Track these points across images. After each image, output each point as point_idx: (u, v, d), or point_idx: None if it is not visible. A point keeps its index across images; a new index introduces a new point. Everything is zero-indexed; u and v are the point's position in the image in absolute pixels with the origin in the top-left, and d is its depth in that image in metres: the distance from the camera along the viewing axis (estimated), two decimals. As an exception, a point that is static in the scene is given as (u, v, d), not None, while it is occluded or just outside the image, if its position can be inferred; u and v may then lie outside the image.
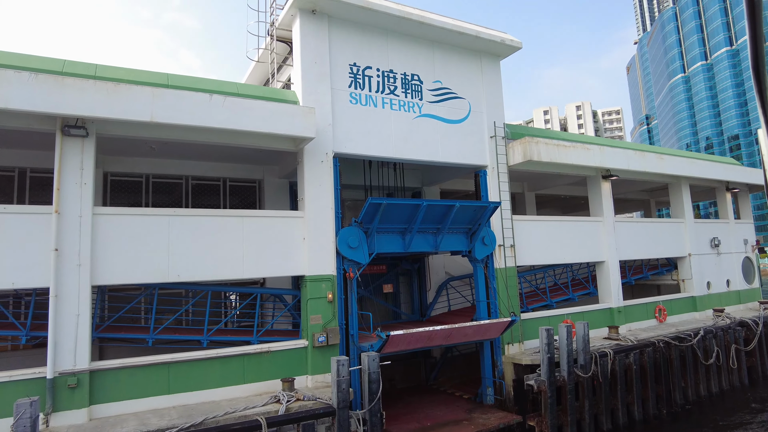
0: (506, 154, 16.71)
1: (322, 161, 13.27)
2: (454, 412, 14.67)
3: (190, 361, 11.34)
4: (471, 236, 15.42)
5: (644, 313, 19.77)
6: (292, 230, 12.80)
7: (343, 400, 10.60)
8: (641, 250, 20.48)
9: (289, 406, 10.86)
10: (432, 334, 12.78)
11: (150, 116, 10.67)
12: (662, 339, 16.70)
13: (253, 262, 12.22)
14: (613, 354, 15.07)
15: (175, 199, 16.01)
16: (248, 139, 12.48)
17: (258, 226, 12.41)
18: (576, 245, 18.30)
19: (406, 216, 13.68)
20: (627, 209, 32.06)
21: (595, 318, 18.19)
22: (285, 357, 12.32)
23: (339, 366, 10.62)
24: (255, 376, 11.96)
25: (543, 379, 13.78)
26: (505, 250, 16.16)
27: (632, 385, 15.56)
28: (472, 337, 13.94)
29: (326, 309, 12.76)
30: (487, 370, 15.49)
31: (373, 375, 11.04)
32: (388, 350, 12.66)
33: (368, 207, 12.67)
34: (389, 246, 13.98)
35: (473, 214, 14.78)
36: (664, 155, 20.66)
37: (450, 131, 15.73)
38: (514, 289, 16.10)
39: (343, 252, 13.09)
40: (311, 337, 12.42)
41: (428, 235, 14.74)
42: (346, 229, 13.24)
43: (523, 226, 16.94)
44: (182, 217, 11.68)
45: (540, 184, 22.78)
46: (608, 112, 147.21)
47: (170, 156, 15.28)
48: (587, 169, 18.91)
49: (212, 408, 10.91)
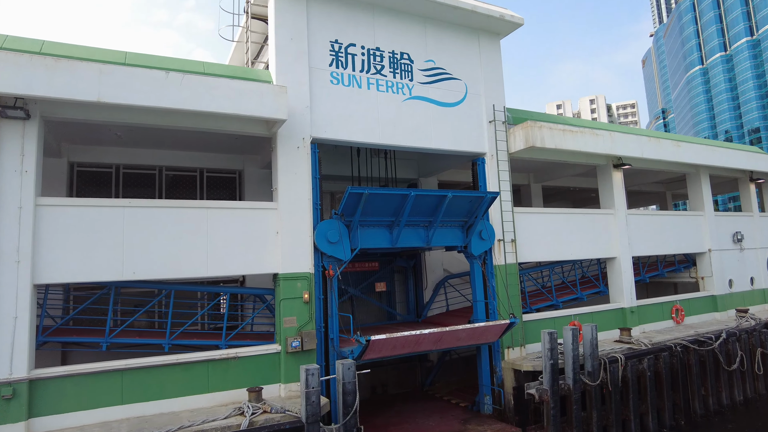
0: (507, 140, 15.30)
1: (298, 147, 12.02)
2: (447, 423, 13.36)
3: (147, 368, 10.20)
4: (467, 230, 14.06)
5: (660, 313, 18.22)
6: (265, 224, 11.59)
7: (313, 413, 9.36)
8: (656, 245, 18.91)
9: (253, 419, 9.66)
10: (419, 338, 11.48)
11: (97, 96, 9.51)
12: (680, 342, 15.17)
13: (220, 259, 11.04)
14: (625, 359, 13.62)
15: (149, 192, 14.91)
16: (214, 123, 11.29)
17: (225, 218, 11.21)
18: (585, 240, 16.83)
19: (393, 207, 12.38)
20: (641, 203, 30.33)
21: (605, 319, 16.72)
22: (255, 363, 11.13)
23: (308, 375, 9.38)
24: (221, 384, 10.79)
25: (545, 388, 12.40)
26: (505, 246, 14.77)
27: (646, 394, 14.08)
28: (466, 342, 12.61)
29: (302, 310, 11.53)
30: (484, 377, 14.14)
31: (349, 385, 9.79)
32: (370, 356, 11.40)
33: (348, 197, 11.40)
34: (374, 241, 12.70)
35: (469, 205, 13.42)
36: (681, 142, 19.04)
37: (444, 115, 14.38)
38: (514, 287, 14.71)
39: (322, 247, 11.84)
40: (284, 341, 11.20)
41: (419, 229, 13.42)
42: (325, 222, 11.99)
43: (525, 220, 15.52)
44: (138, 209, 10.53)
45: (547, 175, 21.27)
46: (623, 105, 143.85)
47: (142, 145, 14.19)
48: (597, 157, 17.40)
49: (170, 420, 9.76)
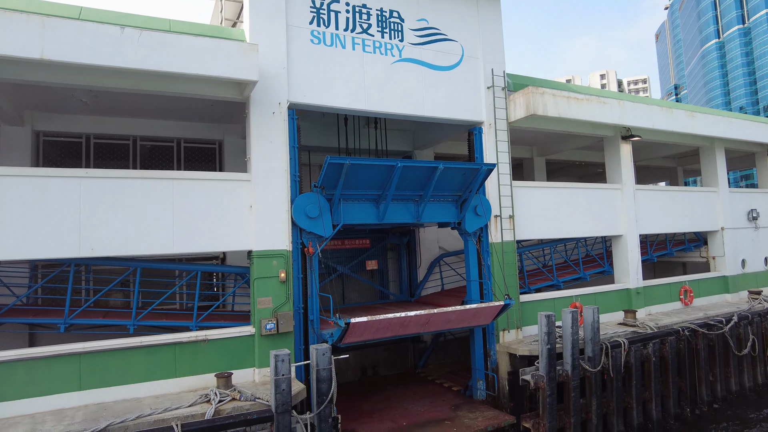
0: (506, 108, 14.14)
1: (273, 113, 10.98)
2: (437, 409, 12.61)
3: (107, 351, 9.44)
4: (461, 205, 13.06)
5: (667, 294, 17.23)
6: (237, 197, 10.65)
7: (284, 403, 8.57)
8: (666, 222, 17.81)
9: (220, 407, 8.90)
10: (405, 320, 10.62)
11: (40, 53, 8.49)
12: (687, 326, 14.23)
13: (187, 234, 10.15)
14: (628, 344, 12.72)
15: (122, 164, 14.00)
16: (181, 86, 10.26)
17: (193, 191, 10.28)
18: (589, 217, 15.77)
19: (379, 180, 11.38)
20: (650, 178, 29.03)
21: (609, 300, 15.78)
22: (227, 347, 10.33)
23: (277, 362, 8.57)
24: (190, 368, 10.02)
25: (541, 374, 11.56)
26: (502, 222, 13.77)
27: (650, 380, 13.22)
28: (456, 324, 11.74)
29: (278, 290, 10.67)
30: (478, 361, 13.32)
31: (323, 372, 8.97)
32: (351, 340, 10.57)
33: (328, 167, 10.40)
34: (359, 216, 11.74)
35: (463, 178, 12.39)
36: (695, 113, 17.73)
37: (438, 80, 13.22)
38: (511, 267, 13.76)
39: (300, 223, 10.91)
40: (259, 323, 10.39)
41: (409, 204, 12.43)
42: (304, 195, 11.02)
43: (525, 194, 14.47)
44: (96, 180, 9.61)
45: (551, 148, 20.08)
46: (634, 81, 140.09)
47: (113, 113, 13.23)
48: (604, 128, 16.21)
49: (131, 408, 9.03)
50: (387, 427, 11.54)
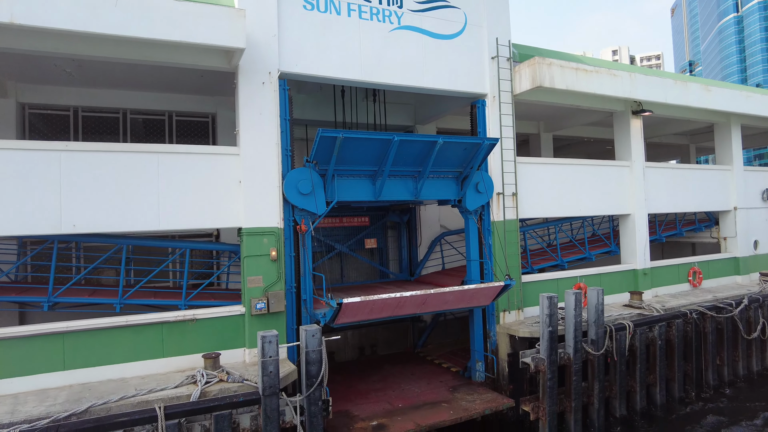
0: (511, 79, 13.45)
1: (263, 83, 10.43)
2: (435, 391, 12.33)
3: (92, 331, 9.16)
4: (462, 182, 12.53)
5: (675, 276, 16.72)
6: (225, 171, 10.19)
7: (271, 385, 8.27)
8: (676, 202, 17.17)
9: (206, 389, 8.63)
10: (400, 301, 10.23)
11: (9, 16, 7.97)
12: (696, 309, 13.76)
13: (173, 210, 9.74)
14: (633, 327, 12.29)
15: (113, 138, 13.55)
16: (165, 54, 9.73)
17: (179, 165, 9.83)
18: (596, 195, 15.18)
19: (375, 155, 10.86)
20: (661, 156, 28.14)
21: (615, 281, 15.31)
22: (216, 326, 10.03)
23: (264, 343, 8.24)
24: (178, 348, 9.75)
25: (542, 357, 11.19)
26: (504, 200, 13.23)
27: (655, 364, 12.83)
28: (454, 305, 11.35)
29: (269, 269, 10.30)
30: (477, 342, 12.98)
31: (313, 354, 8.64)
32: (344, 321, 10.21)
33: (320, 141, 9.89)
34: (354, 193, 11.27)
35: (464, 153, 11.83)
36: (712, 87, 16.90)
37: (439, 49, 12.54)
38: (513, 246, 13.28)
39: (292, 199, 10.46)
40: (249, 302, 10.05)
41: (407, 180, 11.93)
42: (296, 171, 10.54)
43: (529, 171, 13.89)
44: (77, 153, 9.18)
45: (558, 124, 19.34)
46: (647, 57, 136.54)
47: (101, 84, 12.73)
48: (614, 102, 15.48)
49: (116, 388, 8.78)
50: (382, 408, 11.28)
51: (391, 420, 10.60)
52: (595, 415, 11.82)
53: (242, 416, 8.46)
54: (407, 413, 10.96)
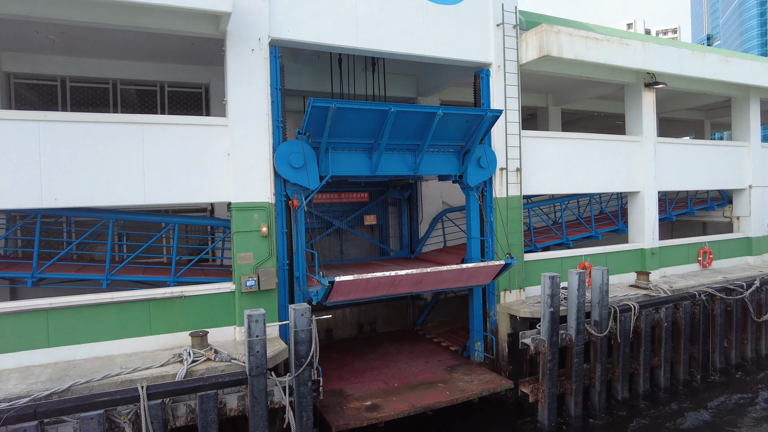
0: (517, 48, 12.75)
1: (253, 50, 9.87)
2: (432, 370, 12.08)
3: (77, 307, 8.90)
4: (463, 156, 11.99)
5: (684, 256, 16.19)
6: (213, 143, 9.74)
7: (258, 365, 7.99)
8: (688, 179, 16.51)
9: (192, 368, 8.38)
10: (395, 279, 9.86)
11: (-22, -28, 7.46)
12: (704, 290, 13.27)
13: (159, 184, 9.35)
14: (639, 308, 11.87)
15: (102, 109, 13.12)
16: (149, 19, 9.16)
17: (164, 136, 9.39)
18: (604, 171, 14.57)
19: (371, 127, 10.33)
20: (674, 132, 27.20)
21: (621, 261, 14.83)
22: (206, 304, 9.74)
23: (251, 322, 7.93)
24: (166, 326, 9.49)
25: (542, 338, 10.84)
26: (507, 175, 12.70)
27: (660, 346, 12.45)
28: (452, 284, 10.97)
29: (260, 246, 9.93)
30: (476, 321, 12.65)
31: (302, 334, 8.33)
32: (337, 299, 9.89)
33: (311, 111, 9.38)
34: (350, 167, 10.80)
35: (465, 126, 11.26)
36: (731, 58, 16.02)
37: (440, 15, 11.83)
38: (516, 223, 12.80)
39: (283, 173, 10.01)
40: (239, 280, 9.73)
41: (405, 154, 11.43)
42: (287, 143, 10.07)
43: (534, 145, 13.30)
44: (57, 124, 8.76)
45: (567, 97, 18.57)
46: (663, 30, 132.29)
47: (88, 53, 12.25)
48: (625, 74, 14.71)
49: (101, 366, 8.57)
50: (377, 387, 11.05)
51: (386, 400, 10.37)
52: (597, 397, 11.52)
53: (229, 396, 8.23)
54: (402, 393, 10.72)
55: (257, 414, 8.07)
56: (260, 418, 8.09)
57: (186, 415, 7.94)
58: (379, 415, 9.68)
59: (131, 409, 7.53)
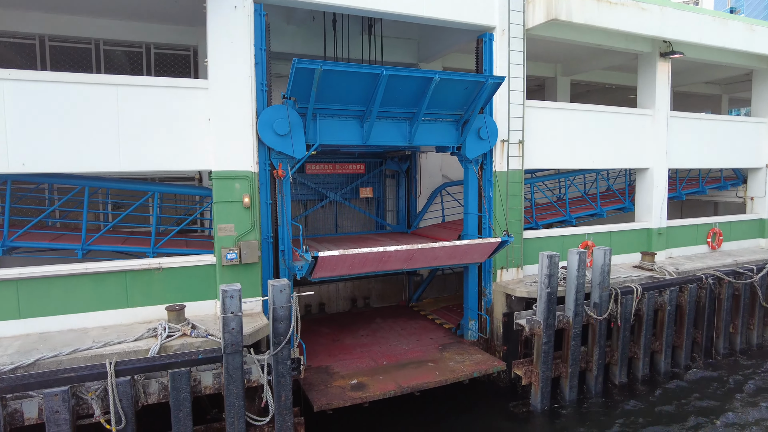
0: (523, 11, 11.87)
1: (235, 6, 9.16)
2: (423, 348, 11.70)
3: (49, 278, 8.52)
4: (462, 126, 11.31)
5: (693, 236, 15.53)
6: (193, 107, 9.14)
7: (233, 343, 7.60)
8: (701, 156, 15.70)
9: (167, 343, 8.02)
10: (383, 256, 9.36)
11: None
12: (712, 273, 12.68)
13: (135, 150, 8.81)
14: (642, 291, 11.33)
15: (84, 71, 12.48)
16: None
17: (141, 99, 8.80)
18: (612, 145, 13.83)
19: (363, 92, 9.66)
20: (688, 107, 26.01)
21: (626, 240, 14.22)
22: (185, 276, 9.33)
23: (226, 298, 7.50)
24: (143, 298, 9.12)
25: (538, 320, 10.37)
26: (509, 148, 12.02)
27: (662, 330, 11.97)
28: (445, 261, 10.47)
29: (242, 217, 9.44)
30: (471, 299, 12.20)
31: (280, 311, 7.90)
32: (323, 274, 9.44)
33: (296, 74, 8.73)
34: (339, 135, 10.18)
35: (464, 93, 10.54)
36: (756, 26, 14.95)
37: (441, -26, 10.97)
38: (516, 199, 12.19)
39: (267, 141, 9.43)
40: (220, 252, 9.28)
41: (400, 123, 10.78)
42: (271, 108, 9.44)
43: (539, 116, 12.56)
44: (24, 83, 8.19)
45: (577, 66, 17.62)
46: (685, 1, 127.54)
47: (68, 10, 11.53)
48: (640, 41, 13.77)
49: (74, 339, 8.24)
50: (365, 365, 10.70)
51: (372, 379, 10.02)
52: (593, 381, 11.12)
53: (204, 374, 7.87)
54: (390, 372, 10.36)
55: (233, 393, 7.73)
56: (236, 396, 7.75)
57: (158, 392, 7.61)
58: (364, 394, 9.34)
59: (100, 386, 7.20)
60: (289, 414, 8.21)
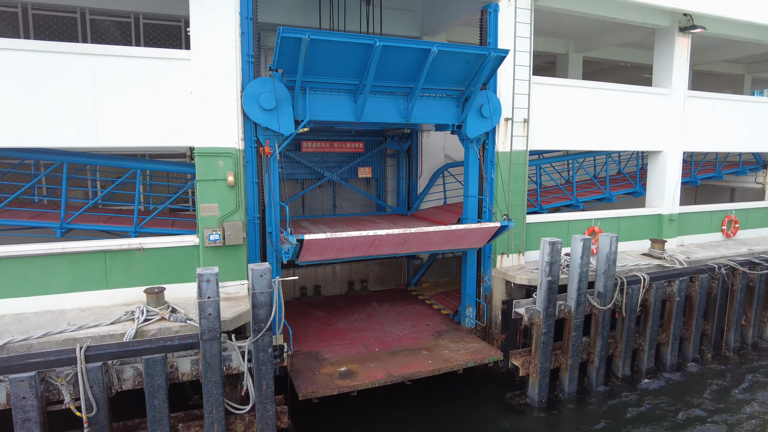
0: (532, -20, 11.08)
1: (218, -30, 8.55)
2: (418, 335, 11.30)
3: (25, 258, 8.18)
4: (463, 103, 10.67)
5: (707, 224, 14.80)
6: (175, 80, 8.61)
7: (210, 329, 7.22)
8: (719, 139, 14.86)
9: (144, 327, 7.69)
10: (374, 240, 8.87)
11: None
12: (725, 263, 12.03)
13: (113, 125, 8.34)
14: (649, 280, 10.75)
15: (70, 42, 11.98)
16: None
17: (119, 70, 8.28)
18: (624, 126, 13.07)
19: (355, 64, 9.04)
20: (708, 88, 24.90)
21: (635, 226, 13.57)
22: (167, 257, 8.95)
23: (202, 282, 7.09)
24: (124, 280, 8.77)
25: (537, 309, 9.87)
26: (513, 127, 11.36)
27: (670, 322, 11.41)
28: (440, 246, 9.96)
29: (226, 196, 8.99)
30: (469, 285, 11.73)
31: (260, 297, 7.48)
32: (310, 258, 9.00)
33: (281, 43, 8.14)
34: (330, 111, 9.61)
35: (465, 67, 9.87)
36: (784, -1, 13.92)
37: (443, -62, 10.22)
38: (520, 182, 11.57)
39: (253, 116, 8.90)
40: (203, 233, 8.87)
41: (397, 98, 10.16)
42: (257, 81, 8.88)
43: (546, 94, 11.84)
44: (-8, 50, 7.72)
45: (590, 43, 16.70)
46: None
47: (52, -24, 10.98)
48: (658, 15, 12.88)
49: (51, 321, 7.95)
50: (356, 352, 10.34)
51: (362, 366, 9.65)
52: (594, 373, 10.65)
53: (182, 360, 7.53)
54: (382, 359, 9.98)
55: (210, 380, 7.38)
56: (213, 384, 7.41)
57: (134, 378, 7.30)
58: (352, 383, 8.98)
59: (72, 372, 6.88)
60: (271, 403, 7.87)
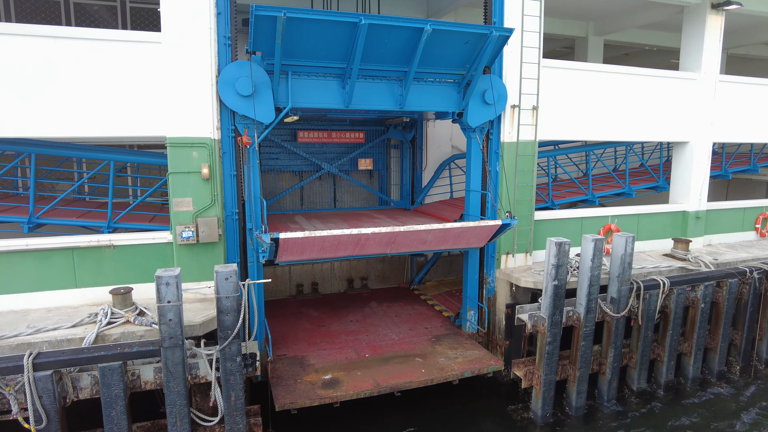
0: (543, -48, 10.03)
1: (190, -57, 7.81)
2: (414, 339, 10.52)
3: (-15, 254, 7.70)
4: (464, 89, 9.76)
5: (738, 222, 13.53)
6: (144, 64, 7.96)
7: (171, 336, 6.58)
8: (754, 128, 13.53)
9: (106, 331, 7.13)
10: (360, 239, 8.10)
11: None
12: (758, 266, 10.85)
13: (78, 113, 7.74)
14: (670, 285, 9.70)
15: (56, 25, 11.48)
16: None
17: (84, 54, 7.67)
18: (646, 114, 11.92)
19: (342, 46, 8.24)
20: (743, 73, 23.16)
21: (657, 224, 12.45)
22: (139, 255, 8.38)
23: (161, 285, 6.44)
24: (93, 279, 8.24)
25: (542, 316, 8.97)
26: (520, 115, 10.38)
27: (693, 330, 10.34)
28: (435, 246, 9.11)
29: (201, 190, 8.33)
30: (470, 287, 10.87)
31: (226, 301, 6.80)
32: (289, 258, 8.29)
33: (257, 22, 7.38)
34: (315, 97, 8.83)
35: (465, 48, 8.95)
36: (831, -28, 12.48)
37: None
38: (527, 175, 10.60)
39: (229, 102, 8.19)
40: (176, 230, 8.24)
41: (391, 83, 9.32)
42: (233, 64, 8.16)
43: (558, 78, 10.81)
44: (-54, 31, 7.18)
45: (612, 24, 15.43)
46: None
47: (32, -44, 10.45)
48: (687, -10, 11.66)
49: (13, 322, 7.50)
50: (345, 357, 9.62)
51: (349, 374, 8.93)
52: (606, 386, 9.70)
53: (144, 367, 6.94)
54: (371, 367, 9.24)
55: (173, 390, 6.77)
56: (177, 395, 6.80)
57: (91, 387, 6.75)
58: (336, 393, 8.27)
59: (21, 380, 6.35)
60: (241, 416, 7.23)
